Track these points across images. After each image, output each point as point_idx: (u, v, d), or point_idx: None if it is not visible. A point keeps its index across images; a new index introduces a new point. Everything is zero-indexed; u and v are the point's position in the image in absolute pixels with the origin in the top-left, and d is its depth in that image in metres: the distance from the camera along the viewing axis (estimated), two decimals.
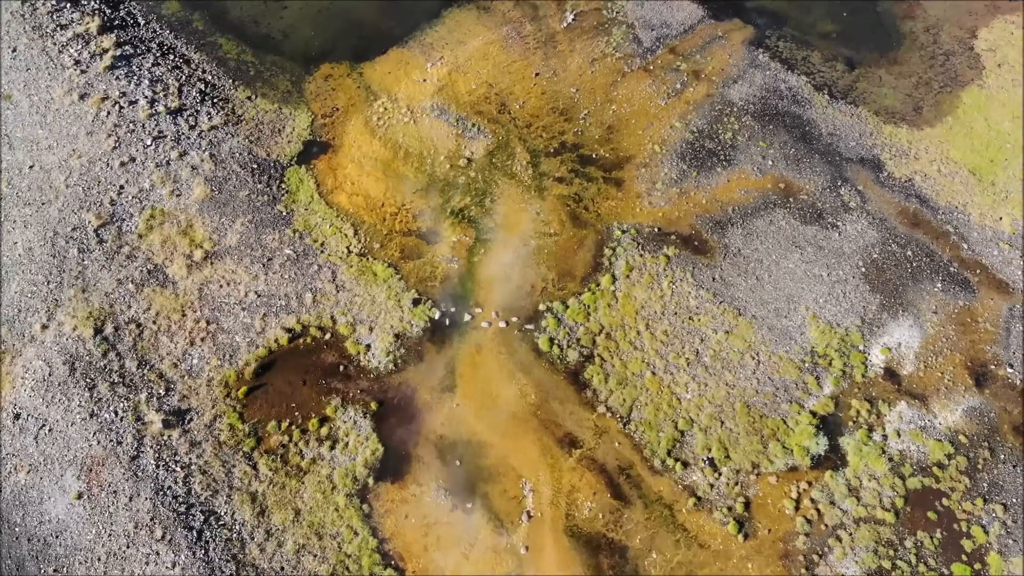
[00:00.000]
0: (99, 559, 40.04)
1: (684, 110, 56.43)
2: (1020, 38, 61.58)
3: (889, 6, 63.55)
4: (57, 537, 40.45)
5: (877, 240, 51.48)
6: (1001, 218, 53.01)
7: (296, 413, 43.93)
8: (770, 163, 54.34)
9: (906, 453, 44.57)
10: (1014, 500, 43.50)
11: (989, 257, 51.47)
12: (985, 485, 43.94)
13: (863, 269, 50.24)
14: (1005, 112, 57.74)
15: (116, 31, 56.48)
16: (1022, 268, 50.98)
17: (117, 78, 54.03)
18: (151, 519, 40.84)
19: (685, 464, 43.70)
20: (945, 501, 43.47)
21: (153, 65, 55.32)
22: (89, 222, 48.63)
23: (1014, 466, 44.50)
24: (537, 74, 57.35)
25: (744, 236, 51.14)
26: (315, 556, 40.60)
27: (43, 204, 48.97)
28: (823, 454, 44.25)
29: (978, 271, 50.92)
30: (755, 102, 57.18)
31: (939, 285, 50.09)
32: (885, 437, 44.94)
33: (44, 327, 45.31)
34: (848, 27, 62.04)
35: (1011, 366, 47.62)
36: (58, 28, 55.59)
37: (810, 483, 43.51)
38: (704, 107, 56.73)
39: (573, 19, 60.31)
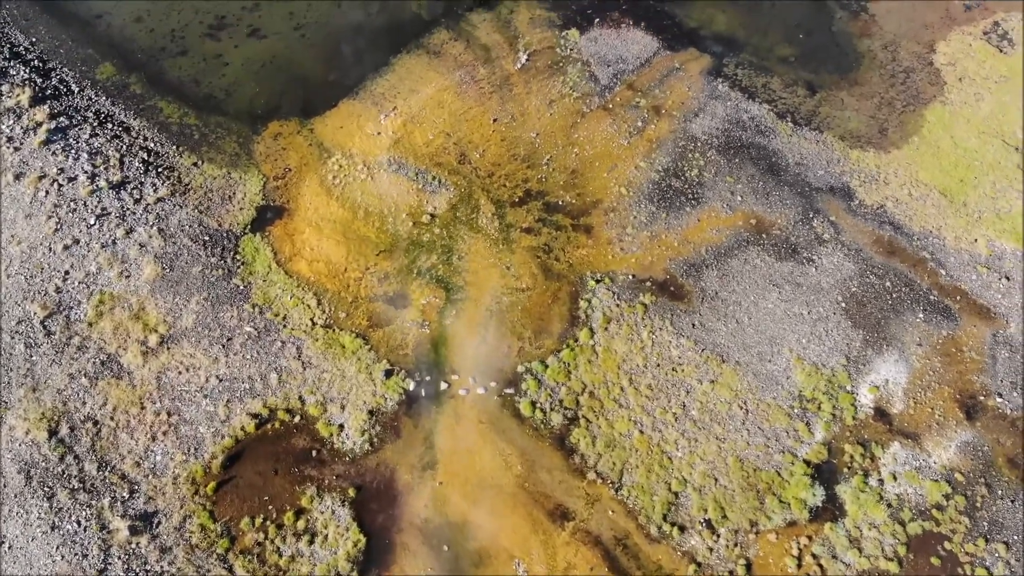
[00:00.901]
0: None
1: (647, 149, 54.89)
2: (978, 50, 61.08)
3: (845, 25, 62.69)
4: None
5: (855, 272, 50.40)
6: (976, 240, 52.25)
7: (270, 507, 41.52)
8: (739, 198, 53.02)
9: (904, 497, 43.47)
10: (1015, 537, 42.64)
11: (968, 282, 50.64)
12: (985, 524, 43.01)
13: (843, 304, 49.10)
14: (970, 128, 57.10)
15: (49, 101, 53.43)
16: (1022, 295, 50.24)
17: (53, 153, 51.03)
18: None
19: (682, 528, 42.10)
20: (947, 544, 42.46)
21: (91, 136, 52.37)
22: (35, 313, 45.74)
23: (1012, 501, 43.65)
24: (495, 120, 55.38)
25: (720, 278, 49.74)
26: None
27: None
28: (821, 505, 42.98)
29: (958, 297, 50.07)
30: (718, 135, 55.83)
31: (921, 315, 49.13)
32: (881, 481, 43.80)
33: None
34: (806, 49, 61.07)
35: (1000, 395, 46.80)
36: None
37: (810, 537, 42.19)
38: (667, 144, 55.23)
39: (527, 60, 58.38)
